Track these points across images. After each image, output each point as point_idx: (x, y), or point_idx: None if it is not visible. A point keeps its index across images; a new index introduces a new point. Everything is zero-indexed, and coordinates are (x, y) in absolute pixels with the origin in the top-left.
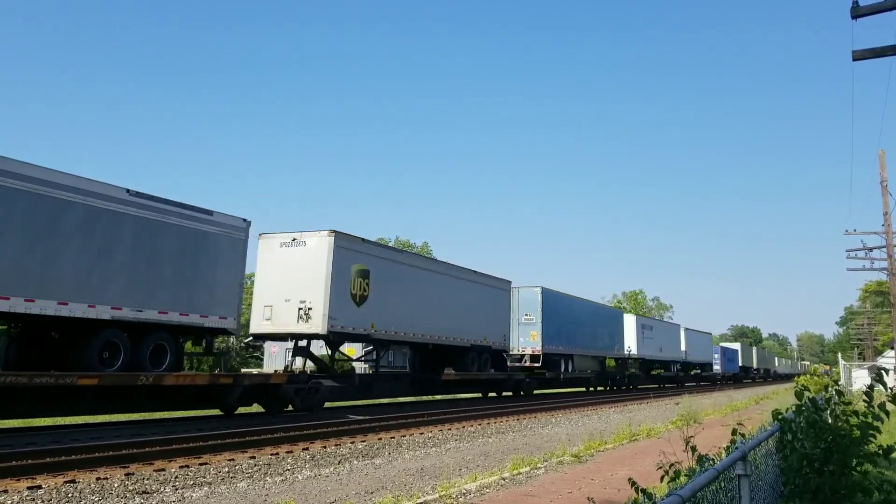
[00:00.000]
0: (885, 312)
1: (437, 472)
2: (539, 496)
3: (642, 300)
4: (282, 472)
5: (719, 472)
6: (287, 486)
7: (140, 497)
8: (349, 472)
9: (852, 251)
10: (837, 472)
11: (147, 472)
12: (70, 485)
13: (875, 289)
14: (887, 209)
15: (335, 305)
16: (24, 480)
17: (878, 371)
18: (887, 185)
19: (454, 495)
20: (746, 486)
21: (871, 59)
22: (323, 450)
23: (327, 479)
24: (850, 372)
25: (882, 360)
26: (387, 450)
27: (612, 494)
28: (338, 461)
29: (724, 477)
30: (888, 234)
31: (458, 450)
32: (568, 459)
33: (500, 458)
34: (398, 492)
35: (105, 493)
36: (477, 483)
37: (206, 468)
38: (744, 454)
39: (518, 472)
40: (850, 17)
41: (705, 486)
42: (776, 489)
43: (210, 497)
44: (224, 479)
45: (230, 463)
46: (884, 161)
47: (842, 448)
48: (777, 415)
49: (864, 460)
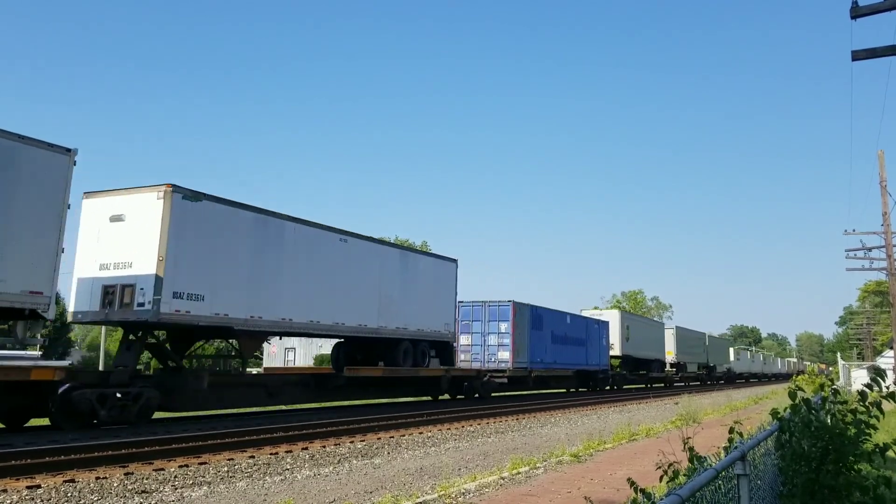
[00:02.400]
0: (884, 312)
1: (436, 472)
2: (538, 496)
3: (642, 300)
4: (281, 471)
5: (718, 472)
6: (286, 486)
7: (139, 496)
8: (348, 471)
9: (851, 251)
10: (834, 471)
11: (146, 471)
12: (69, 484)
13: (874, 289)
14: (886, 209)
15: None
16: (23, 480)
17: (876, 371)
18: (886, 185)
19: (453, 495)
20: (745, 485)
21: (871, 59)
22: (322, 449)
23: (326, 478)
24: (849, 372)
25: (881, 360)
26: (386, 449)
27: (611, 494)
28: (337, 461)
29: (723, 477)
30: (887, 234)
31: (457, 449)
32: (567, 459)
33: (500, 457)
34: (397, 491)
35: (104, 493)
36: (476, 483)
37: (205, 468)
38: (743, 454)
39: (517, 471)
40: (850, 17)
41: (704, 485)
42: (775, 488)
43: (209, 496)
44: (223, 479)
45: (229, 462)
46: (883, 161)
47: (838, 447)
48: (776, 414)
49: (860, 459)
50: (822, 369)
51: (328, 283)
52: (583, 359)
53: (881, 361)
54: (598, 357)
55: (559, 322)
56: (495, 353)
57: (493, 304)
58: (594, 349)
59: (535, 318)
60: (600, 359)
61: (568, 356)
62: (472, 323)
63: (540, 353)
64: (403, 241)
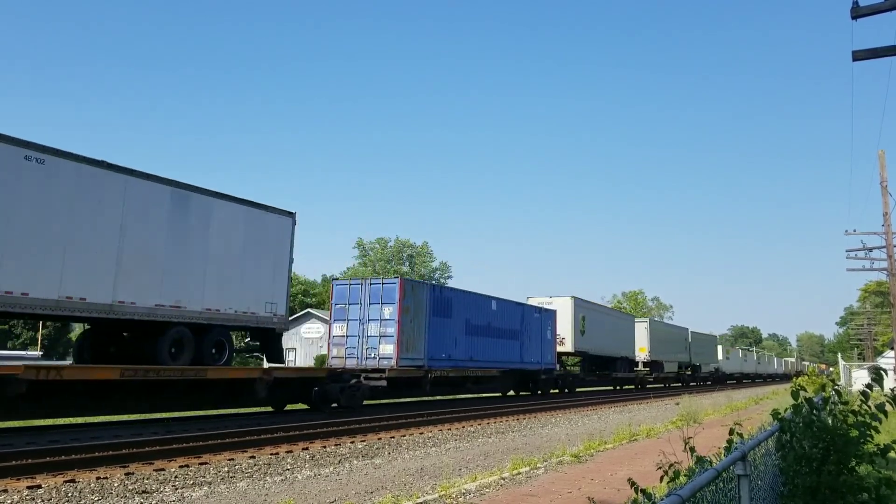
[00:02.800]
0: (884, 313)
1: (436, 472)
2: (539, 496)
3: (642, 300)
4: (282, 471)
5: (719, 472)
6: (287, 486)
7: (140, 497)
8: (349, 471)
9: (852, 251)
10: (836, 472)
11: (147, 471)
12: (70, 484)
13: (875, 289)
14: (887, 209)
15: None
16: (24, 480)
17: (877, 372)
18: (887, 185)
19: (454, 495)
20: (746, 486)
21: (871, 59)
22: (323, 449)
23: (327, 478)
24: (850, 372)
25: (882, 361)
26: (386, 450)
27: (611, 494)
28: (337, 461)
29: (723, 477)
30: (888, 234)
31: (457, 449)
32: (568, 459)
33: (500, 457)
34: (398, 492)
35: (105, 493)
36: (477, 483)
37: (205, 468)
38: (743, 454)
39: (518, 471)
40: (850, 17)
41: (705, 486)
42: (775, 489)
43: (210, 497)
44: (224, 479)
45: (230, 462)
46: (884, 161)
47: (839, 448)
48: (776, 415)
49: (861, 460)
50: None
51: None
52: (516, 355)
53: (882, 362)
54: (541, 353)
55: (479, 308)
56: (375, 346)
57: (375, 283)
58: (534, 344)
59: (440, 301)
60: (543, 356)
61: (493, 352)
62: (349, 307)
63: (446, 347)
64: (404, 241)
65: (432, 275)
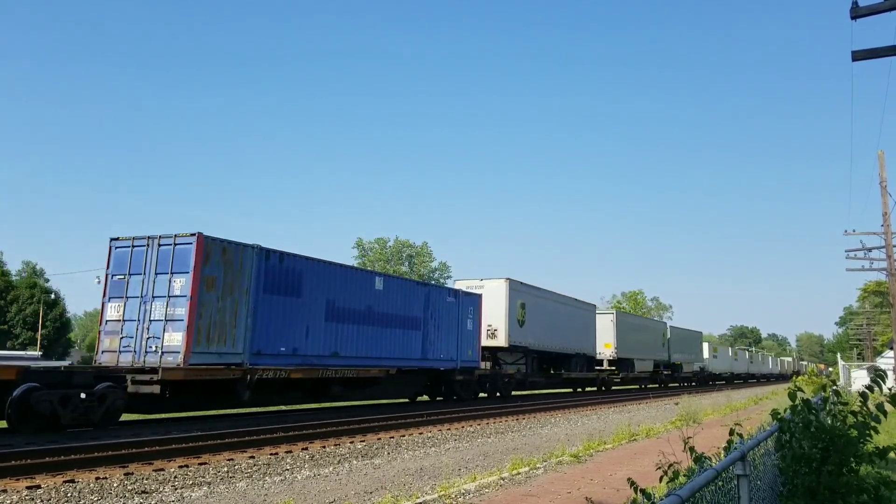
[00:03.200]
0: (884, 313)
1: (436, 472)
2: (538, 496)
3: (642, 300)
4: (281, 471)
5: (718, 473)
6: (286, 486)
7: (139, 497)
8: (348, 471)
9: (851, 251)
10: (835, 473)
11: (146, 471)
12: (69, 484)
13: (874, 289)
14: (886, 209)
15: None
16: (23, 480)
17: (877, 372)
18: (887, 185)
19: (453, 495)
20: (745, 486)
21: (871, 59)
22: (322, 450)
23: (326, 478)
24: (849, 372)
25: (881, 361)
26: (386, 450)
27: (611, 494)
28: (337, 461)
29: (723, 477)
30: (887, 234)
31: (457, 450)
32: (567, 459)
33: (500, 458)
34: (397, 492)
35: (104, 493)
36: (476, 483)
37: (205, 468)
38: (743, 454)
39: (517, 472)
40: (850, 17)
41: (704, 486)
42: (775, 489)
43: (209, 497)
44: (223, 479)
45: (229, 463)
46: (883, 161)
47: (839, 448)
48: (776, 415)
49: (861, 460)
50: (821, 370)
51: None
52: (416, 350)
53: (881, 362)
54: (457, 349)
55: (352, 287)
56: (158, 334)
57: (166, 243)
58: (448, 336)
59: (278, 274)
60: (460, 352)
61: (376, 346)
62: (130, 279)
63: (288, 337)
64: (404, 241)
65: (432, 275)
